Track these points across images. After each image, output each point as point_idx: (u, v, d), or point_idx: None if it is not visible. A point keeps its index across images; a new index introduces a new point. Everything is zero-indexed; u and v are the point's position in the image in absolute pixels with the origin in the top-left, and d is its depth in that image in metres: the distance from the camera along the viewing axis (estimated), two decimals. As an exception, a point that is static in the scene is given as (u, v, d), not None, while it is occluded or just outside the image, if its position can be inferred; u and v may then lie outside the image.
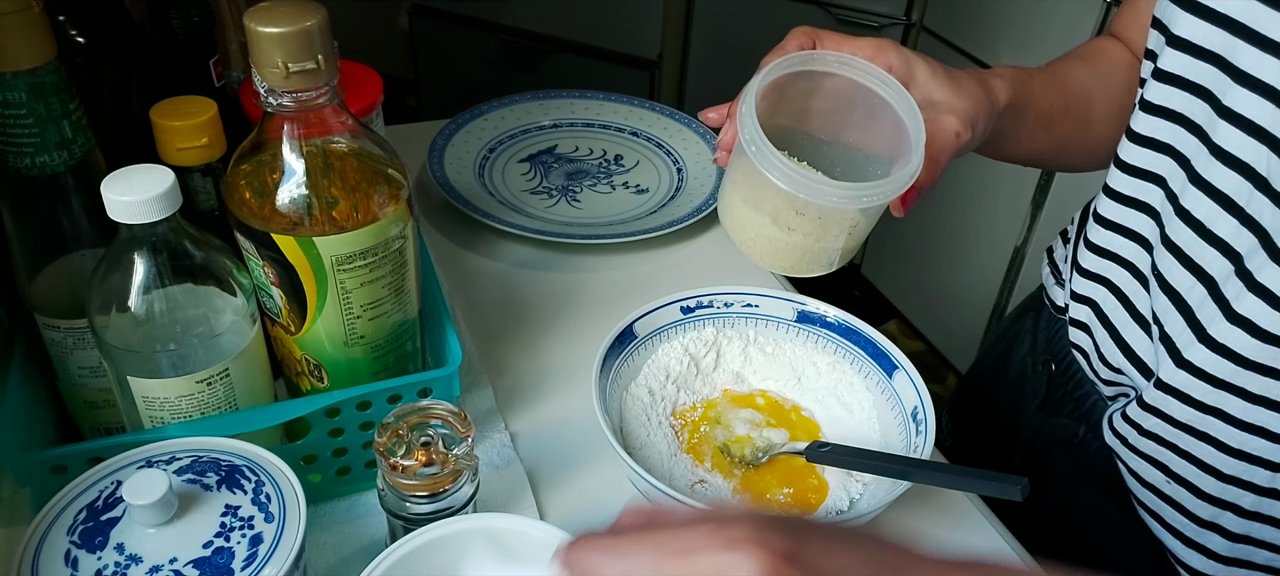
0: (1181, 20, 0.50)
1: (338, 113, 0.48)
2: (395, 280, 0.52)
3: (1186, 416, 0.53)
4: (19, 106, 0.45)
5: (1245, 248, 0.48)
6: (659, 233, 0.82)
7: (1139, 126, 0.55)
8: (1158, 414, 0.54)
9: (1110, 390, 0.61)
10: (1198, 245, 0.51)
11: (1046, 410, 0.66)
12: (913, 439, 0.57)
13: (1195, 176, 0.50)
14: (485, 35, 2.07)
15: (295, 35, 0.44)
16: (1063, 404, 0.65)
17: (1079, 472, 0.64)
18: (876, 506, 0.52)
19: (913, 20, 1.80)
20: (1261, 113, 0.46)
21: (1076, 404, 0.63)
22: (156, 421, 0.49)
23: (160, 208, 0.44)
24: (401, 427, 0.48)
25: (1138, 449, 0.57)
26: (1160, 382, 0.53)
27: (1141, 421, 0.56)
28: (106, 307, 0.46)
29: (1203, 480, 0.54)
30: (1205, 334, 0.50)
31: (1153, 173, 0.54)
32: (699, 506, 0.50)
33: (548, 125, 0.97)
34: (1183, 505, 0.56)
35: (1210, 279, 0.50)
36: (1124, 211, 0.57)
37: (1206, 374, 0.51)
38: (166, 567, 0.40)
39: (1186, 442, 0.54)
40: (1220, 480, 0.54)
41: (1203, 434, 0.53)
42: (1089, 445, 0.62)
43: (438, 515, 0.48)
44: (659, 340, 0.63)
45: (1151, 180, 0.55)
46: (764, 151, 0.49)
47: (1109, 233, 0.58)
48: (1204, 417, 0.52)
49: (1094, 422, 0.62)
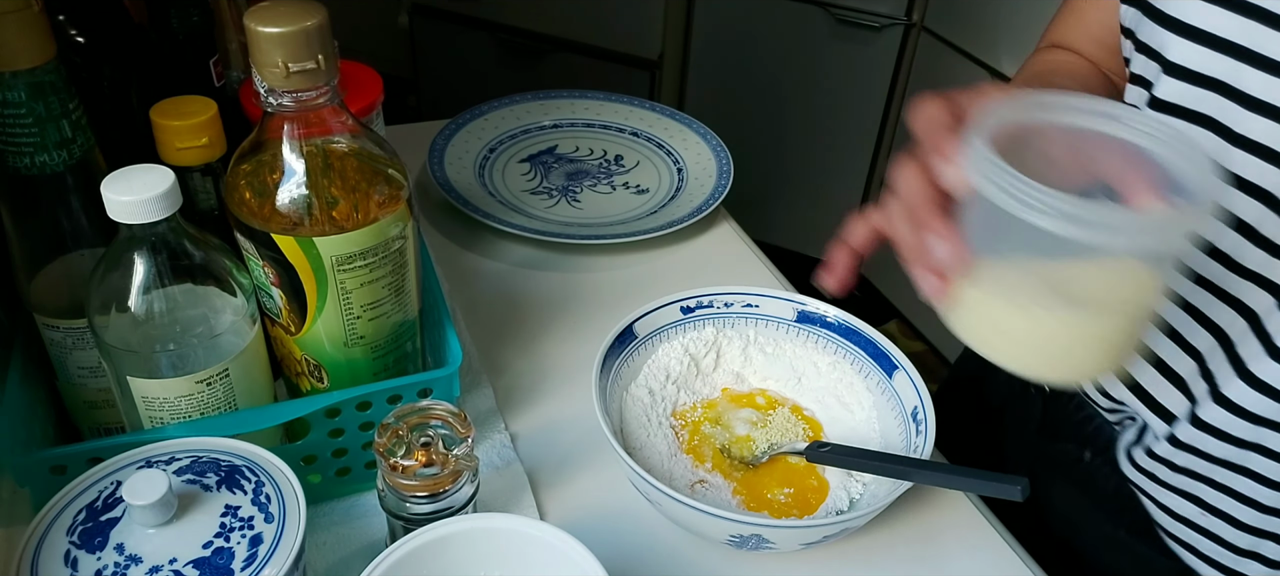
0: (1173, 45, 0.48)
1: (338, 113, 0.48)
2: (395, 280, 0.52)
3: (1225, 453, 0.52)
4: (19, 106, 0.45)
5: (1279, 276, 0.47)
6: (659, 233, 0.82)
7: None
8: (1194, 451, 0.53)
9: (1114, 416, 0.60)
10: (1232, 279, 0.49)
11: (1045, 433, 0.66)
12: (913, 439, 0.57)
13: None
14: (485, 35, 2.07)
15: (295, 35, 0.44)
16: (1062, 427, 0.64)
17: (1085, 497, 0.63)
18: (876, 506, 0.51)
19: (913, 20, 1.80)
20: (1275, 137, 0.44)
21: (1078, 427, 0.62)
22: (156, 421, 0.49)
23: (160, 208, 0.44)
24: (401, 428, 0.48)
25: (1169, 484, 0.56)
26: (1196, 420, 0.52)
27: (1174, 459, 0.54)
28: (106, 308, 0.46)
29: (1242, 511, 0.53)
30: (1245, 370, 0.49)
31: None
32: (698, 505, 0.50)
33: (548, 125, 0.97)
34: (1220, 536, 0.55)
35: (1251, 313, 0.48)
36: None
37: (1246, 411, 0.49)
38: (166, 568, 0.40)
39: (1225, 477, 0.53)
40: (1261, 510, 0.52)
41: (1242, 468, 0.52)
42: (1098, 471, 0.61)
43: (438, 515, 0.48)
44: (659, 340, 0.63)
45: None
46: (1026, 188, 0.35)
47: None
48: (1243, 453, 0.51)
49: (1100, 447, 0.61)
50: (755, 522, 0.50)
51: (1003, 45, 1.62)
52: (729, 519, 0.50)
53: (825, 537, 0.52)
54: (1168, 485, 0.56)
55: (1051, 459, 0.65)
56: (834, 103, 1.94)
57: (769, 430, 0.61)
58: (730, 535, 0.51)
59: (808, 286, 0.68)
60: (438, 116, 0.96)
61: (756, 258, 0.83)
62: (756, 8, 1.89)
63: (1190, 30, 0.47)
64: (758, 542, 0.51)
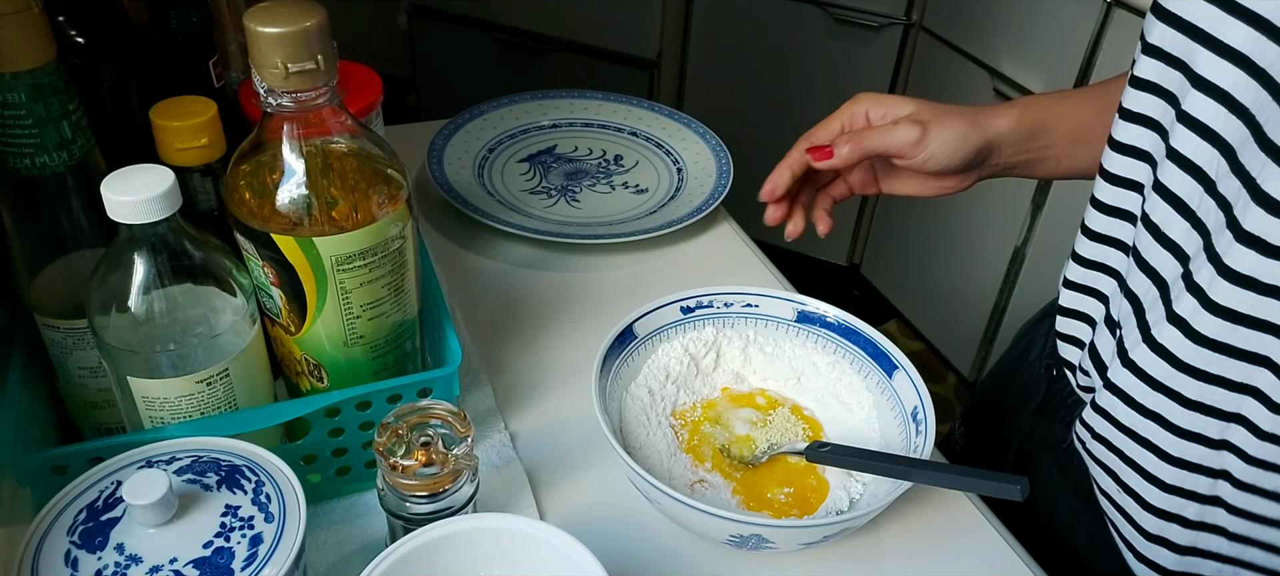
0: (1155, 28, 0.50)
1: (337, 113, 0.48)
2: (395, 280, 0.52)
3: (1131, 421, 0.53)
4: (19, 107, 0.45)
5: (1193, 249, 0.49)
6: (659, 232, 0.82)
7: (1118, 134, 0.55)
8: (1107, 416, 0.55)
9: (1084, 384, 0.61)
10: (1154, 248, 0.51)
11: (1041, 414, 0.66)
12: (913, 439, 0.57)
13: (1156, 182, 0.51)
14: (485, 35, 2.07)
15: (295, 35, 0.44)
16: (1057, 409, 0.65)
17: (1062, 477, 0.64)
18: (876, 506, 0.52)
19: (913, 20, 1.80)
20: (1215, 117, 0.46)
21: (1069, 410, 0.63)
22: (156, 421, 0.49)
23: (160, 208, 0.44)
24: (401, 427, 0.48)
25: (1094, 454, 0.58)
26: (1108, 383, 0.54)
27: (1094, 425, 0.56)
28: (106, 308, 0.46)
29: (1148, 491, 0.54)
30: (1149, 335, 0.51)
31: (1132, 180, 0.54)
32: (698, 504, 0.50)
33: (547, 125, 0.97)
34: (1132, 517, 0.56)
35: (1163, 281, 0.51)
36: (1109, 222, 0.57)
37: (1148, 376, 0.51)
38: (166, 567, 0.40)
39: (1132, 450, 0.54)
40: (1163, 490, 0.53)
41: (1145, 440, 0.53)
42: (1071, 449, 0.63)
43: (438, 515, 0.48)
44: (659, 340, 0.63)
45: (1131, 188, 0.55)
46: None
47: (1096, 244, 0.58)
48: (1146, 423, 0.52)
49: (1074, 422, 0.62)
50: (755, 522, 0.50)
51: (1001, 45, 1.62)
52: (729, 518, 0.50)
53: (825, 537, 0.52)
54: (1094, 456, 0.58)
55: (1041, 438, 0.66)
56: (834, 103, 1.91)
57: (769, 430, 0.61)
58: (730, 535, 0.51)
59: (808, 287, 0.69)
60: (437, 116, 0.96)
61: (756, 258, 0.83)
62: (756, 8, 1.89)
63: (1165, 13, 0.50)
64: (758, 542, 0.51)
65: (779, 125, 2.04)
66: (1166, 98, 0.50)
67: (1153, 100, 0.52)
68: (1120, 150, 0.54)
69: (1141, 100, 0.52)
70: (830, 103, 0.68)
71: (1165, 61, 0.50)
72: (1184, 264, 0.49)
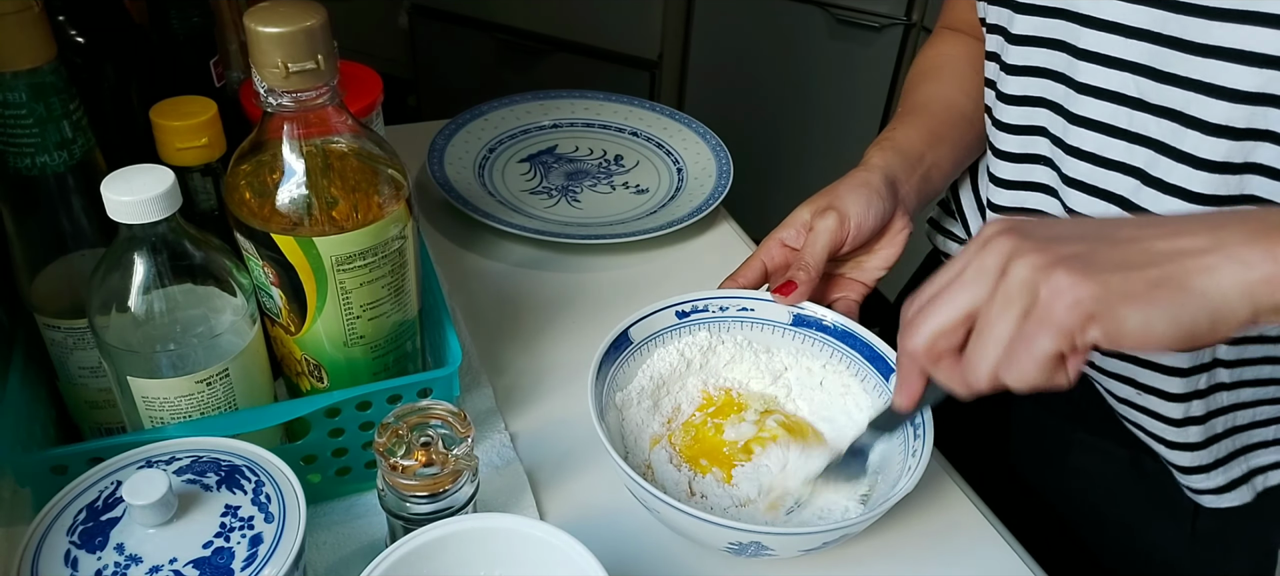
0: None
1: (338, 113, 0.48)
2: (395, 280, 0.52)
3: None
4: (19, 106, 0.45)
5: (1142, 160, 0.54)
6: (659, 233, 0.82)
7: (1008, 88, 0.60)
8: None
9: None
10: (1098, 173, 0.56)
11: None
12: (911, 442, 0.57)
13: (1072, 115, 0.56)
14: (485, 35, 2.07)
15: (295, 35, 0.44)
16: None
17: (1040, 402, 0.65)
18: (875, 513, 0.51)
19: (913, 20, 1.80)
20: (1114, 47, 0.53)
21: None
22: (156, 421, 0.49)
23: (160, 208, 0.44)
24: (401, 427, 0.48)
25: (1103, 368, 0.61)
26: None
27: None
28: (106, 308, 0.46)
29: (1168, 382, 0.58)
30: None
31: (1033, 126, 0.59)
32: (696, 512, 0.49)
33: (548, 125, 0.97)
34: (1157, 411, 0.60)
35: (1119, 199, 0.56)
36: (1017, 168, 0.62)
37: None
38: (166, 567, 0.40)
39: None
40: (1182, 376, 0.58)
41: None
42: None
43: (438, 515, 0.48)
44: (654, 345, 0.63)
45: (1035, 133, 0.60)
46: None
47: (1009, 191, 0.63)
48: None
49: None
50: (755, 530, 0.50)
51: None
52: (728, 526, 0.49)
53: (825, 544, 0.52)
54: (1103, 369, 0.62)
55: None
56: (834, 103, 1.94)
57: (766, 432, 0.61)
58: (729, 542, 0.51)
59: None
60: (437, 116, 0.96)
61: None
62: (756, 8, 1.89)
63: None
64: (757, 549, 0.51)
65: (780, 125, 2.04)
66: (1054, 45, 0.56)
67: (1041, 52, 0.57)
68: (1012, 101, 0.60)
69: (1028, 54, 0.58)
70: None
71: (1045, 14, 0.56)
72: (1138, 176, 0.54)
